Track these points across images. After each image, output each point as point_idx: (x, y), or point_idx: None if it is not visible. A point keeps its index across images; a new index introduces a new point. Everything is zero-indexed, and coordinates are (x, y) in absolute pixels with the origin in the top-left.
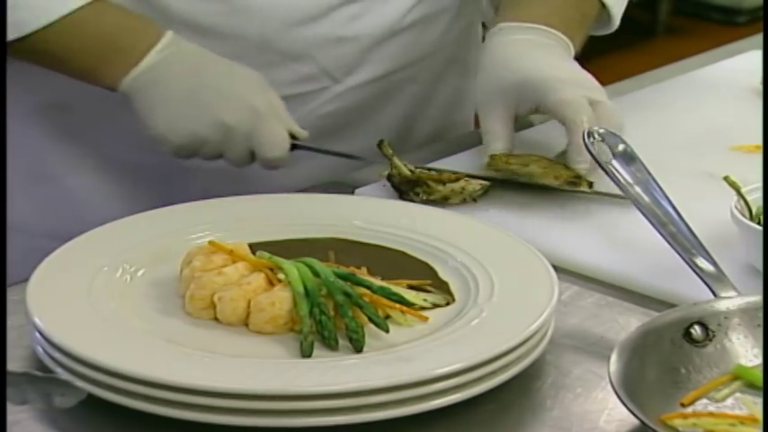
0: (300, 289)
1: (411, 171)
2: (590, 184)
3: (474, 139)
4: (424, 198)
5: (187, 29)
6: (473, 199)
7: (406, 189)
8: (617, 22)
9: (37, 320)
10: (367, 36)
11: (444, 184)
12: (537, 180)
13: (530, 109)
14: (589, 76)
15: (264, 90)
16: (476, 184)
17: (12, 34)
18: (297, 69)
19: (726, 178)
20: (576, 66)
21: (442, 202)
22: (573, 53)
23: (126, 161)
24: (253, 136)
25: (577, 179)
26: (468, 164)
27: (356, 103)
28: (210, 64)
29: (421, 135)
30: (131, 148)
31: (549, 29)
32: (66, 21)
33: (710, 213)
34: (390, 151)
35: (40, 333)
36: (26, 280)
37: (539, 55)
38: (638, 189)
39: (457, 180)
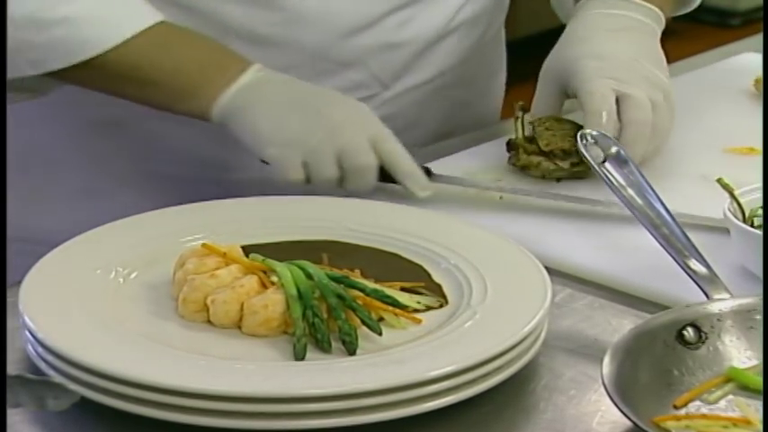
0: (293, 292)
1: (525, 135)
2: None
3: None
4: (514, 162)
5: (242, 39)
6: (556, 179)
7: (508, 149)
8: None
9: (30, 323)
10: (415, 41)
11: (528, 154)
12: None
13: (571, 92)
14: (650, 65)
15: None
16: (551, 165)
17: (84, 53)
18: (348, 77)
19: (719, 180)
20: (646, 50)
21: (527, 170)
22: (663, 24)
23: (174, 177)
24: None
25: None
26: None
27: (402, 109)
28: (303, 83)
29: (456, 136)
30: (179, 164)
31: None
32: (153, 38)
33: (704, 215)
34: (519, 113)
35: (33, 336)
36: (19, 283)
37: (599, 38)
38: (630, 191)
39: (539, 154)
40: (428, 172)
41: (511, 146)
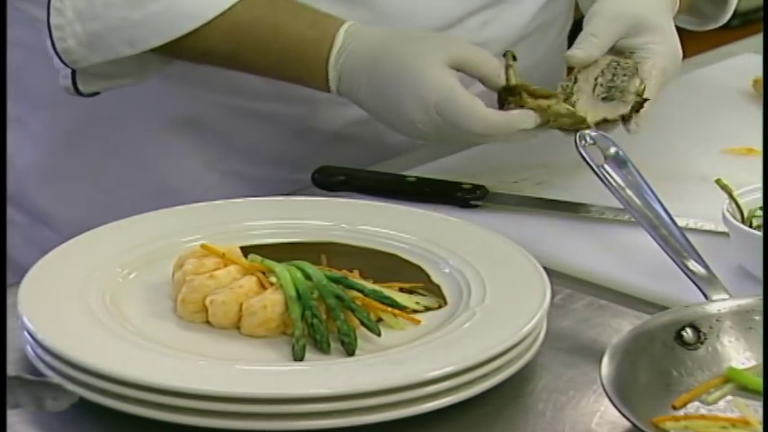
0: (292, 292)
1: (516, 82)
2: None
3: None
4: (513, 107)
5: None
6: (563, 129)
7: (504, 96)
8: (730, 10)
9: (29, 324)
10: (496, 42)
11: (536, 98)
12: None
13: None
14: (659, 38)
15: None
16: (563, 108)
17: (184, 27)
18: None
19: (717, 181)
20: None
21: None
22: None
23: (246, 176)
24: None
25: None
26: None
27: None
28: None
29: None
30: (252, 163)
31: None
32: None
33: (702, 216)
34: (511, 61)
35: (32, 336)
36: (18, 283)
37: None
38: (629, 192)
39: (548, 97)
40: (485, 190)
41: (510, 92)
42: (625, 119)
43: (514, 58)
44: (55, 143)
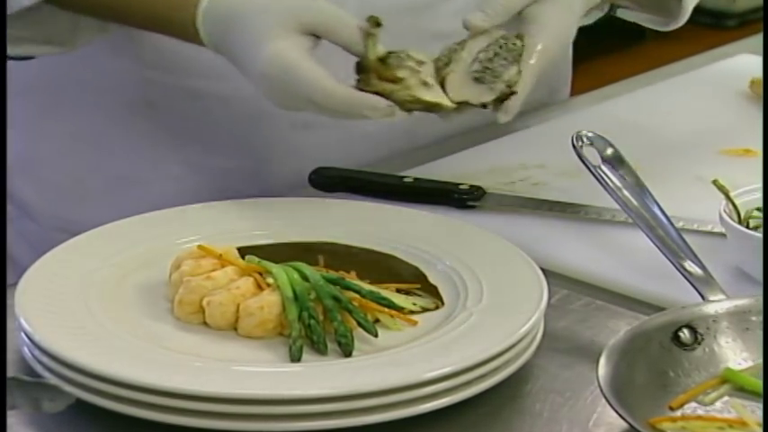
0: (289, 293)
1: (380, 56)
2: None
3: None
4: (361, 87)
5: None
6: (408, 110)
7: (356, 72)
8: (686, 14)
9: (26, 325)
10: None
11: (383, 81)
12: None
13: None
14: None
15: None
16: (407, 95)
17: None
18: None
19: (714, 182)
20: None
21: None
22: None
23: (209, 167)
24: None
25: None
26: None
27: None
28: None
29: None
30: (214, 154)
31: None
32: None
33: (699, 217)
34: (374, 30)
35: (29, 337)
36: (15, 284)
37: None
38: (626, 193)
39: (396, 81)
40: (482, 191)
41: (361, 68)
42: (485, 107)
43: (377, 24)
44: (23, 132)
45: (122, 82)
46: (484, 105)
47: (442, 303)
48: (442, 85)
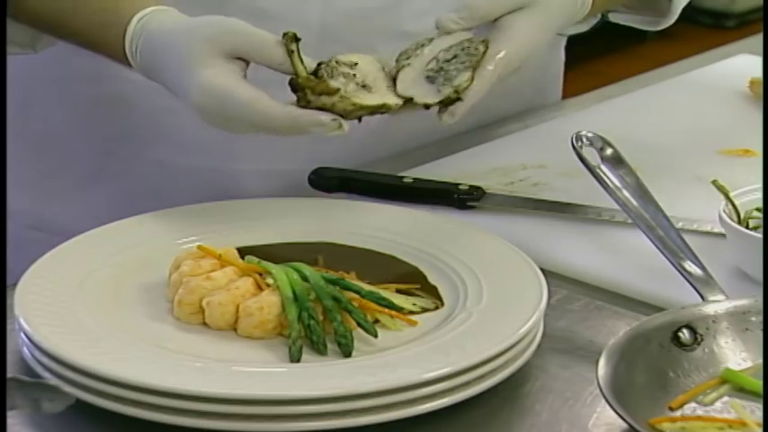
0: (289, 293)
1: (309, 73)
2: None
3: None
4: (303, 105)
5: (246, 13)
6: (356, 118)
7: (293, 90)
8: (677, 11)
9: (25, 325)
10: (433, 33)
11: (320, 95)
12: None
13: None
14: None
15: None
16: (347, 105)
17: None
18: None
19: (714, 182)
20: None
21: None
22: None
23: (179, 166)
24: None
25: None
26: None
27: None
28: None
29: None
30: (185, 153)
31: None
32: None
33: (699, 217)
34: (293, 47)
35: (28, 337)
36: (14, 284)
37: None
38: (626, 193)
39: (331, 94)
40: (482, 191)
41: (294, 86)
42: (428, 108)
43: (295, 39)
44: None
45: (91, 79)
46: (427, 106)
47: (442, 304)
48: (395, 78)
